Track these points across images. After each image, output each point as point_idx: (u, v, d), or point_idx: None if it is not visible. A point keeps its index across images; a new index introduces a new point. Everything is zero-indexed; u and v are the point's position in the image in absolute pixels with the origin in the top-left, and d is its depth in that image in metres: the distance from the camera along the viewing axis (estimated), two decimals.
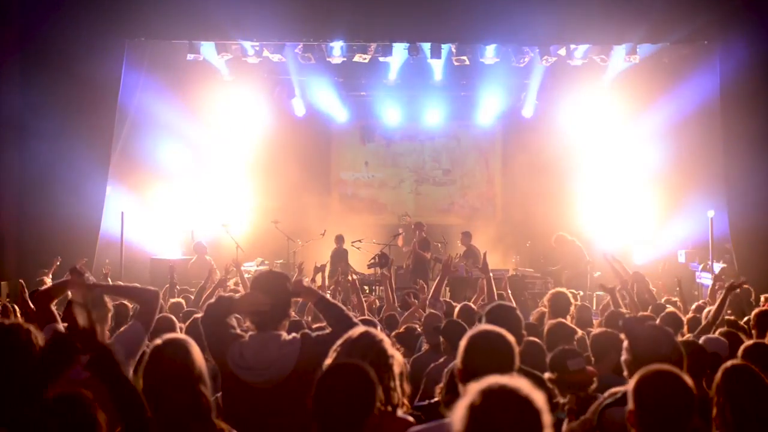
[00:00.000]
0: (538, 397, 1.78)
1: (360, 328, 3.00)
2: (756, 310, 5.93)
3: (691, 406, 2.39)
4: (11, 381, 2.59)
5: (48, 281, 8.74)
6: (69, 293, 3.75)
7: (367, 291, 12.09)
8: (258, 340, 3.40)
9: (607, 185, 14.52)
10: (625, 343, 3.27)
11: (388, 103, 15.24)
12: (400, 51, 12.92)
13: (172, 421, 2.65)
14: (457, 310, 5.43)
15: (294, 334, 3.47)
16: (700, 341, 4.60)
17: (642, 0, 11.53)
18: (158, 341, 2.78)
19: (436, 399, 3.79)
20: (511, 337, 2.78)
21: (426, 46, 12.71)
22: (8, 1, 11.27)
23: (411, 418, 2.92)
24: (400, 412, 2.89)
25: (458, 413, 1.79)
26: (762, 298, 7.32)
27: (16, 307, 5.77)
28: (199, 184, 14.38)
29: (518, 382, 1.80)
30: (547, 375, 3.98)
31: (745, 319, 6.20)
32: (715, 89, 11.96)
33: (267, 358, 3.33)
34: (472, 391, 1.80)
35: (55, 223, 10.82)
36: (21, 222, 11.31)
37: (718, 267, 11.09)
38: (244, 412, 3.28)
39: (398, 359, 2.85)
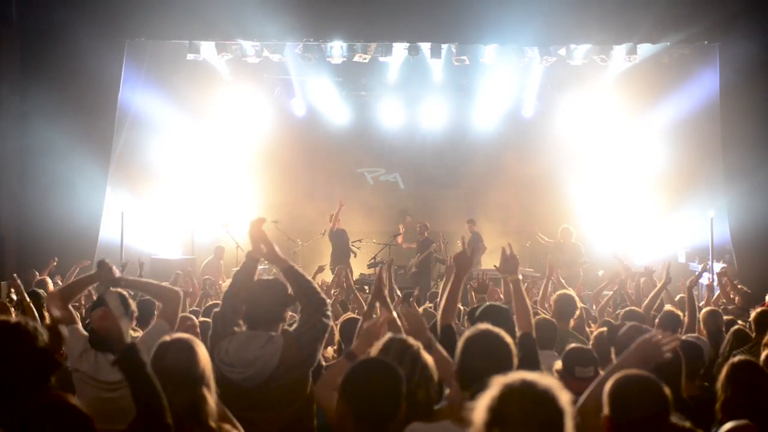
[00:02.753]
0: (563, 397, 1.75)
1: (397, 337, 2.96)
2: (757, 310, 5.94)
3: (665, 410, 2.39)
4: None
5: (49, 281, 8.73)
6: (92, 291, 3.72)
7: (367, 291, 12.10)
8: (242, 339, 3.43)
9: (607, 185, 14.53)
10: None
11: (388, 103, 15.23)
12: (400, 51, 12.92)
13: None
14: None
15: (277, 333, 3.48)
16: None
17: (642, 0, 11.54)
18: (165, 339, 2.78)
19: None
20: (508, 338, 2.76)
21: (426, 46, 12.70)
22: (8, 1, 11.26)
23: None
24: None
25: (480, 406, 1.77)
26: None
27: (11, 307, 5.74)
28: (199, 184, 14.38)
29: (543, 380, 1.78)
30: (557, 365, 3.96)
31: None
32: (715, 89, 11.97)
33: (247, 357, 3.35)
34: (495, 385, 1.78)
35: (55, 223, 10.82)
36: (21, 222, 11.30)
37: (718, 267, 11.09)
38: (229, 407, 3.28)
39: (433, 367, 2.85)
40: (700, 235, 12.12)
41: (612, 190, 14.45)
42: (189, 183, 14.20)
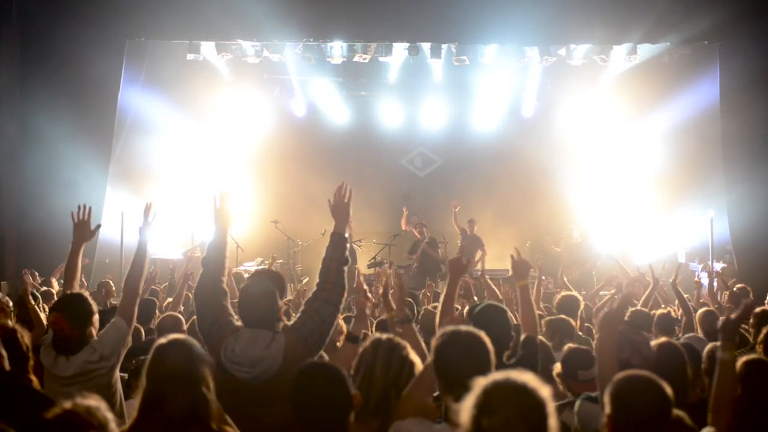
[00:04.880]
0: (544, 390, 1.84)
1: (384, 336, 2.98)
2: (757, 309, 5.92)
3: (667, 411, 2.40)
4: None
5: (54, 282, 8.73)
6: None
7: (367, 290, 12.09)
8: (247, 337, 3.41)
9: (607, 185, 14.52)
10: None
11: (388, 103, 15.22)
12: (400, 51, 12.92)
13: (171, 422, 2.63)
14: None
15: (279, 330, 3.47)
16: (681, 340, 4.63)
17: (642, 0, 11.54)
18: (162, 341, 2.76)
19: None
20: (485, 337, 2.72)
21: (426, 46, 12.70)
22: (8, 2, 11.27)
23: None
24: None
25: (465, 410, 1.82)
26: None
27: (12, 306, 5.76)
28: (199, 184, 14.36)
29: (522, 376, 1.85)
30: (556, 369, 3.95)
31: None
32: (715, 89, 11.97)
33: (253, 356, 3.33)
34: (477, 386, 1.84)
35: (55, 223, 10.79)
36: (21, 222, 11.30)
37: (718, 267, 11.09)
38: (231, 403, 3.28)
39: (419, 366, 2.85)
40: (700, 234, 12.12)
41: (612, 189, 14.44)
42: (189, 183, 14.18)
